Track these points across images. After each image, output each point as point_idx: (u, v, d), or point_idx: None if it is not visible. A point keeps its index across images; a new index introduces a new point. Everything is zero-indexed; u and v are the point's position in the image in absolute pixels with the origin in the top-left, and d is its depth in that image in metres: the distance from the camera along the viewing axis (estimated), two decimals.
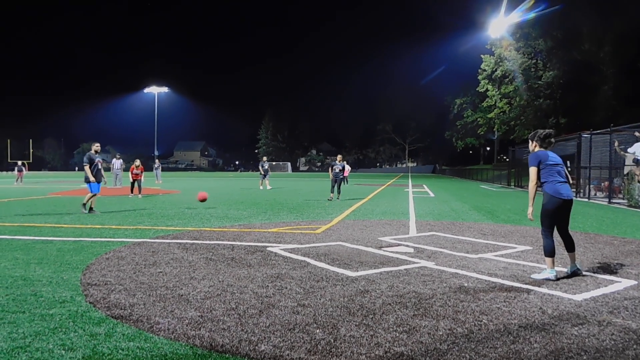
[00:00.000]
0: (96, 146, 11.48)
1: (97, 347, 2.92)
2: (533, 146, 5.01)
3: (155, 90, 72.76)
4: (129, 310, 3.63)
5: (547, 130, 4.99)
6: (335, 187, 15.69)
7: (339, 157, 16.53)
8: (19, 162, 30.04)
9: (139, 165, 16.97)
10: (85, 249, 6.23)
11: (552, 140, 4.92)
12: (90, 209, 10.80)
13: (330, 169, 16.09)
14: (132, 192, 16.67)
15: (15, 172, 29.57)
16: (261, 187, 23.48)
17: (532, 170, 4.89)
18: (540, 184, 4.88)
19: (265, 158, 25.36)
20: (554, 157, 4.89)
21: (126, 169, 19.38)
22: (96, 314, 3.54)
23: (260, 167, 23.73)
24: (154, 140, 72.16)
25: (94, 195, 10.84)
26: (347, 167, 29.42)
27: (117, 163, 23.40)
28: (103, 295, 4.03)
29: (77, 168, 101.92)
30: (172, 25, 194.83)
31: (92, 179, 10.76)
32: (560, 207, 4.79)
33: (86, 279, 4.60)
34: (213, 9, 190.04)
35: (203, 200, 9.74)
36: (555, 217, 4.86)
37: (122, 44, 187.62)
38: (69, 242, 6.85)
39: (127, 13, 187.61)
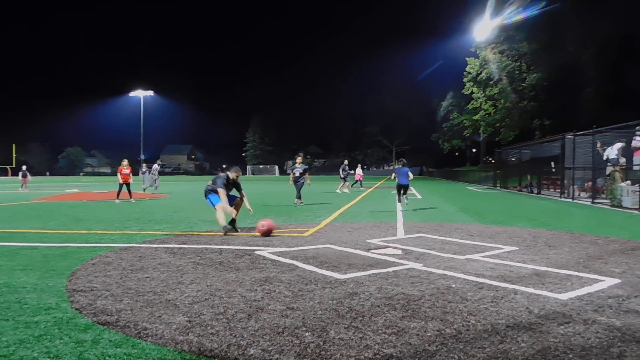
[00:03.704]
0: (235, 171, 8.86)
1: (83, 354, 2.88)
2: (400, 164, 10.94)
3: (141, 94, 72.27)
4: (116, 316, 3.59)
5: (402, 159, 12.53)
6: (296, 191, 14.75)
7: (299, 159, 15.47)
8: (24, 167, 29.20)
9: (127, 165, 16.82)
10: (70, 255, 6.15)
11: (404, 160, 11.89)
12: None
13: (291, 173, 14.91)
14: (118, 198, 16.46)
15: (20, 177, 28.69)
16: (338, 191, 22.63)
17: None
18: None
19: (346, 162, 24.29)
20: (404, 170, 12.73)
21: (115, 173, 19.13)
22: (82, 321, 3.50)
23: (341, 171, 23.46)
24: (140, 144, 71.58)
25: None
26: (360, 172, 28.90)
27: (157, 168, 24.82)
28: (89, 302, 3.99)
29: (48, 173, 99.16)
30: (158, 29, 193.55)
31: (228, 210, 8.57)
32: (399, 185, 12.70)
33: (72, 285, 4.55)
34: (200, 12, 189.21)
35: None
36: (398, 190, 12.87)
37: (108, 46, 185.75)
38: (54, 248, 6.76)
39: (112, 16, 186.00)
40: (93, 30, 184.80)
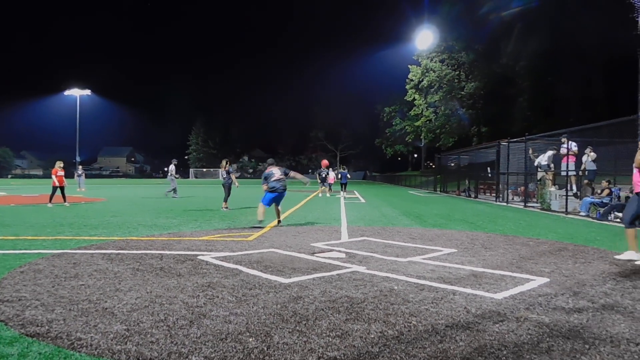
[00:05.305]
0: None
1: None
2: (342, 169, 13.73)
3: (78, 93, 68.97)
4: (47, 327, 3.39)
5: (343, 165, 13.14)
6: (225, 194, 15.01)
7: (224, 161, 15.58)
8: None
9: (62, 167, 15.97)
10: None
11: (344, 166, 13.54)
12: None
13: (222, 177, 14.87)
14: (50, 201, 15.58)
15: None
16: (328, 194, 24.03)
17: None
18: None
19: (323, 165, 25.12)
20: (344, 172, 22.69)
21: (47, 176, 18.01)
22: (8, 333, 3.28)
23: (318, 175, 24.51)
24: (76, 146, 68.22)
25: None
26: (332, 175, 26.91)
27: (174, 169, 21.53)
28: (17, 312, 3.75)
29: None
30: (95, 27, 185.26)
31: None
32: (341, 183, 23.81)
33: None
34: (137, 10, 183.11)
35: None
36: (341, 185, 23.88)
37: (40, 42, 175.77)
38: None
39: (46, 10, 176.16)
40: (23, 22, 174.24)
